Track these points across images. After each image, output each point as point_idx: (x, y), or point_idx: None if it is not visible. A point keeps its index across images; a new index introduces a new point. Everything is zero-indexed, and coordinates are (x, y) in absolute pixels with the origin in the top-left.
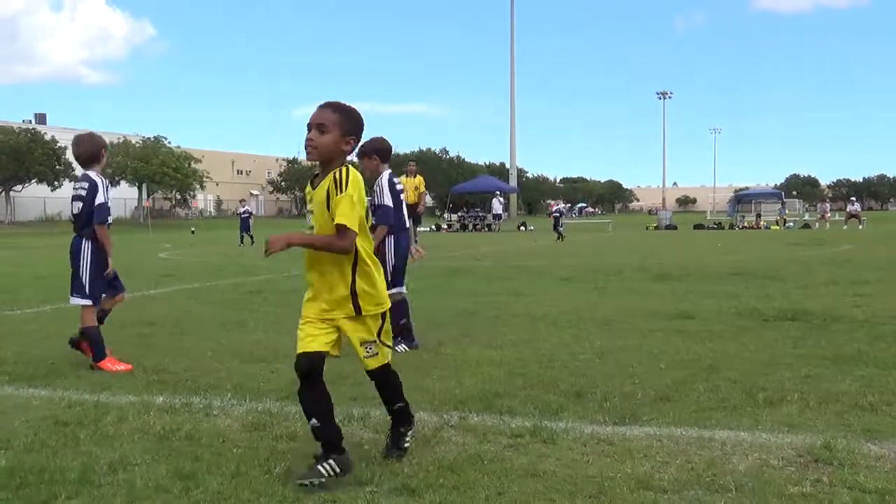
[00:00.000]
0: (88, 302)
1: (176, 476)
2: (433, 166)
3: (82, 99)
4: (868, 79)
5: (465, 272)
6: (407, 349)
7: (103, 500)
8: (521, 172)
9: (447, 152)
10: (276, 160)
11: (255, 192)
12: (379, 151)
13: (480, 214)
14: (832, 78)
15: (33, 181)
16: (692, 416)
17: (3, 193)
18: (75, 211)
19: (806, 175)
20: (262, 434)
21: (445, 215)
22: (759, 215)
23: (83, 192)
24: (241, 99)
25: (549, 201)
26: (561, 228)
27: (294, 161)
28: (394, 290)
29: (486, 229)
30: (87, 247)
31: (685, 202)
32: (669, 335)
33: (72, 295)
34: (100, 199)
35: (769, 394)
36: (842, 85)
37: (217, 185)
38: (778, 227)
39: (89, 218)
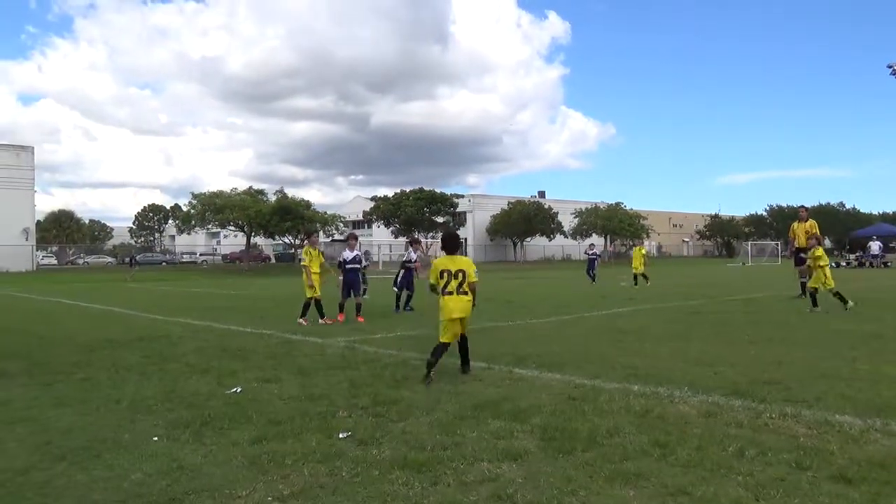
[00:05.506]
0: None
1: (654, 444)
2: (831, 217)
3: (568, 179)
4: None
5: (870, 302)
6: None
7: (607, 456)
8: None
9: (844, 205)
10: (703, 216)
11: (686, 239)
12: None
13: (872, 255)
14: None
15: (537, 234)
16: None
17: (520, 243)
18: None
19: None
20: (715, 420)
21: (844, 255)
22: None
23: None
24: (675, 171)
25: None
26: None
27: (716, 216)
28: None
29: (883, 266)
30: None
31: None
32: None
33: None
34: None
35: None
36: None
37: (658, 234)
38: None
39: None
